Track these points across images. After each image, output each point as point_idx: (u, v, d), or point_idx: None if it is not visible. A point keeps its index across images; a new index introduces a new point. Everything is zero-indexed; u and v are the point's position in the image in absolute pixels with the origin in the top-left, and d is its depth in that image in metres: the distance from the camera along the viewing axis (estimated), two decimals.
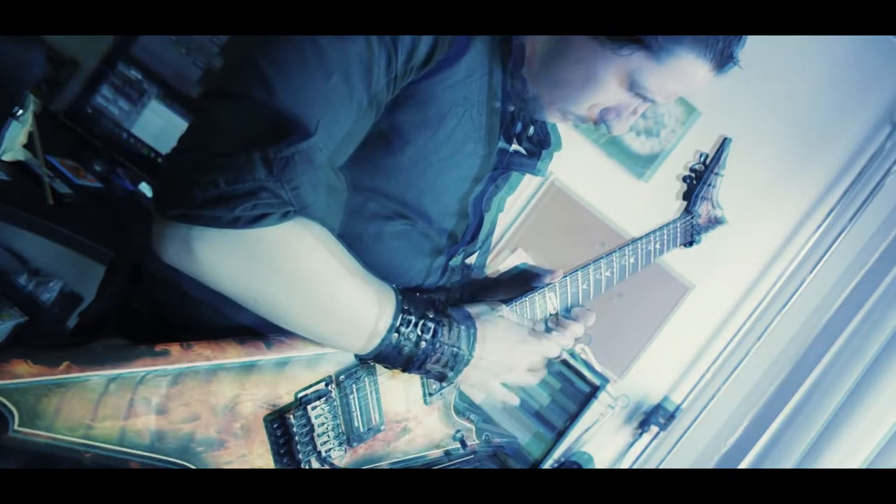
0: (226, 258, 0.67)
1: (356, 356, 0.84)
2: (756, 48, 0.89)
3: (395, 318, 0.79)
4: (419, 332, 0.81)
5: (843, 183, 2.29)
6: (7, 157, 1.75)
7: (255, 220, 0.66)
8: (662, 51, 0.80)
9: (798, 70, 2.28)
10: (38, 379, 0.62)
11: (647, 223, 2.43)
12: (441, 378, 0.87)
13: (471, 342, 0.87)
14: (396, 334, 0.80)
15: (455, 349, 0.85)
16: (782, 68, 2.26)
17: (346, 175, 0.80)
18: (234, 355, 0.74)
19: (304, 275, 0.72)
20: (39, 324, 1.97)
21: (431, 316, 0.83)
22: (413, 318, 0.81)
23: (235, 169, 0.64)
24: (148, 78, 2.23)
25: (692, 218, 1.19)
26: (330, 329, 0.78)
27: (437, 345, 0.83)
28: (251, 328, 0.79)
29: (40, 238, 1.68)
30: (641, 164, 2.38)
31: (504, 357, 0.90)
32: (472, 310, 0.91)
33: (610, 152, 2.39)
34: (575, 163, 2.35)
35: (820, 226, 2.27)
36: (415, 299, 0.84)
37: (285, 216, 0.68)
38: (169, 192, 0.67)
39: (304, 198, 0.69)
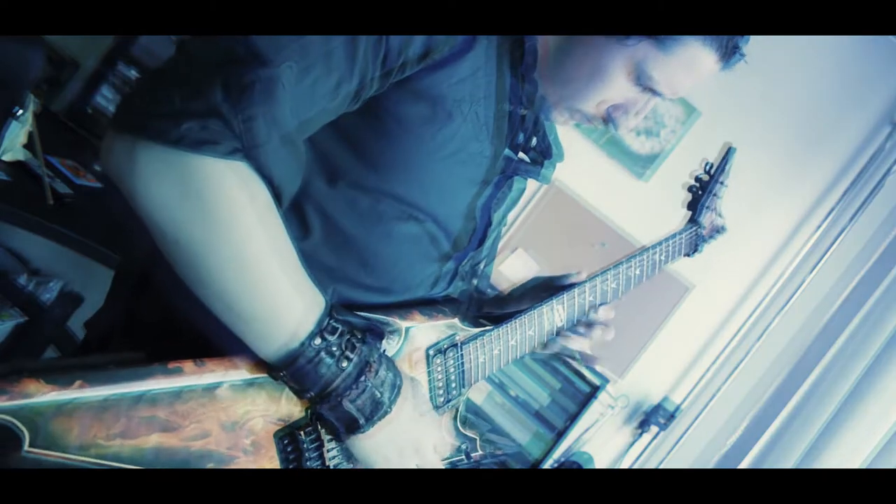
0: (160, 180, 0.64)
1: (267, 369, 0.74)
2: (756, 48, 0.89)
3: (319, 323, 0.71)
4: (343, 349, 0.72)
5: (843, 183, 2.29)
6: (7, 157, 1.74)
7: (200, 144, 0.62)
8: (668, 38, 0.80)
9: (798, 70, 2.29)
10: (50, 398, 0.61)
11: (647, 223, 2.43)
12: (350, 426, 0.75)
13: (394, 393, 0.77)
14: (320, 339, 0.70)
15: (378, 393, 0.75)
16: (782, 68, 2.26)
17: (351, 175, 0.80)
18: (246, 371, 0.74)
19: (234, 226, 0.66)
20: (39, 324, 1.96)
21: (359, 337, 0.74)
22: (340, 328, 0.72)
23: (193, 88, 0.63)
24: None
25: (697, 228, 1.19)
26: (244, 308, 0.69)
27: (362, 378, 0.73)
28: None
29: (40, 238, 1.68)
30: (641, 164, 2.38)
31: (414, 428, 0.80)
32: (398, 364, 0.81)
33: (610, 152, 2.39)
34: (575, 162, 2.35)
35: (820, 226, 2.27)
36: (347, 316, 0.76)
37: (231, 153, 0.64)
38: (126, 104, 0.66)
39: (255, 133, 0.64)
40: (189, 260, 0.67)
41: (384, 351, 0.83)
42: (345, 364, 0.72)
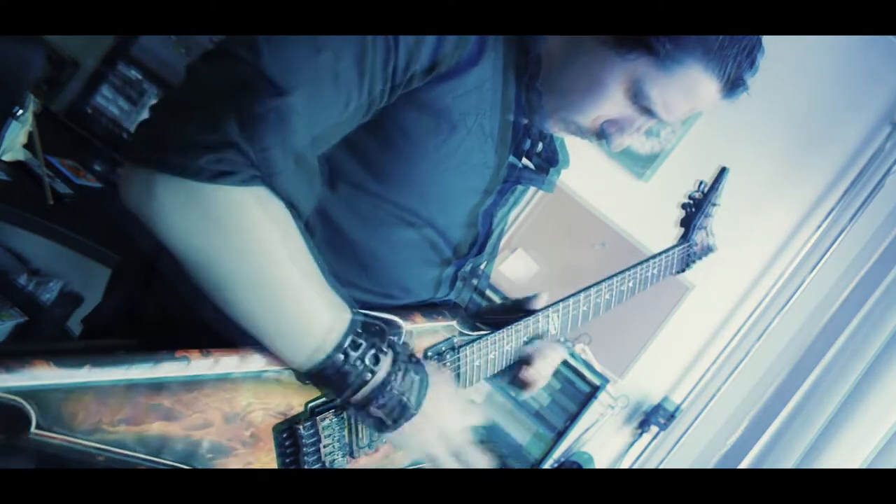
0: (182, 211, 0.65)
1: (295, 374, 0.76)
2: None
3: (343, 337, 0.73)
4: (366, 362, 0.74)
5: (843, 183, 2.29)
6: (7, 157, 1.75)
7: (218, 176, 0.63)
8: (669, 59, 0.78)
9: (798, 70, 2.28)
10: (59, 381, 0.62)
11: (647, 223, 2.43)
12: (379, 427, 0.78)
13: (421, 395, 0.79)
14: (343, 354, 0.73)
15: (404, 399, 0.77)
16: (783, 68, 2.26)
17: (353, 179, 0.80)
18: (251, 364, 0.74)
19: (258, 250, 0.68)
20: (39, 324, 1.97)
21: (384, 349, 0.76)
22: (364, 343, 0.74)
23: (208, 120, 0.63)
24: (148, 78, 2.23)
25: (689, 246, 1.21)
26: (272, 323, 0.71)
27: (388, 388, 0.76)
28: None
29: (40, 238, 1.68)
30: (641, 164, 2.38)
31: (439, 421, 0.82)
32: (425, 362, 0.84)
33: (610, 152, 2.39)
34: (575, 162, 2.35)
35: (820, 226, 2.27)
36: (370, 327, 0.78)
37: (250, 181, 0.65)
38: (141, 137, 0.67)
39: (272, 162, 0.66)
40: (216, 283, 0.69)
41: (411, 352, 0.85)
42: (369, 376, 0.75)
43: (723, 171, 1.19)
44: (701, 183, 1.21)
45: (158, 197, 0.65)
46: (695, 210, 1.21)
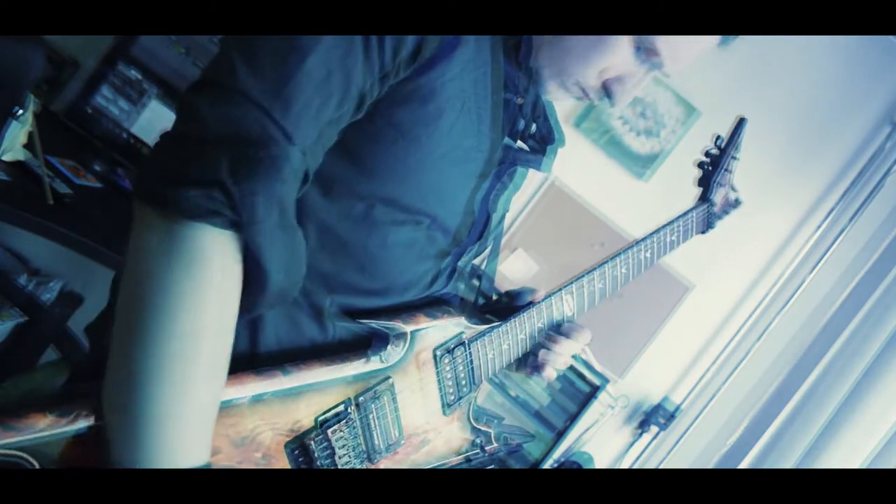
0: (151, 235, 0.63)
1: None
2: (756, 48, 0.89)
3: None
4: None
5: (843, 183, 2.29)
6: (7, 157, 1.74)
7: (204, 214, 0.62)
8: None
9: (798, 70, 2.29)
10: (58, 430, 0.62)
11: (647, 223, 2.43)
12: None
13: None
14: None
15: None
16: (782, 68, 2.26)
17: (346, 182, 0.79)
18: (251, 387, 0.74)
19: (193, 299, 0.63)
20: (39, 324, 1.96)
21: None
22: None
23: (201, 158, 0.62)
24: (148, 78, 2.23)
25: (709, 206, 1.16)
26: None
27: None
28: (263, 355, 0.78)
29: (40, 238, 1.67)
30: (641, 164, 2.38)
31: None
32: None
33: (610, 152, 2.39)
34: (575, 163, 2.35)
35: (820, 226, 2.27)
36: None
37: (233, 227, 0.63)
38: (142, 171, 0.66)
39: (255, 209, 0.63)
40: (133, 308, 0.65)
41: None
42: None
43: (741, 121, 1.14)
44: (718, 137, 1.16)
45: (143, 227, 0.64)
46: (712, 168, 1.15)
